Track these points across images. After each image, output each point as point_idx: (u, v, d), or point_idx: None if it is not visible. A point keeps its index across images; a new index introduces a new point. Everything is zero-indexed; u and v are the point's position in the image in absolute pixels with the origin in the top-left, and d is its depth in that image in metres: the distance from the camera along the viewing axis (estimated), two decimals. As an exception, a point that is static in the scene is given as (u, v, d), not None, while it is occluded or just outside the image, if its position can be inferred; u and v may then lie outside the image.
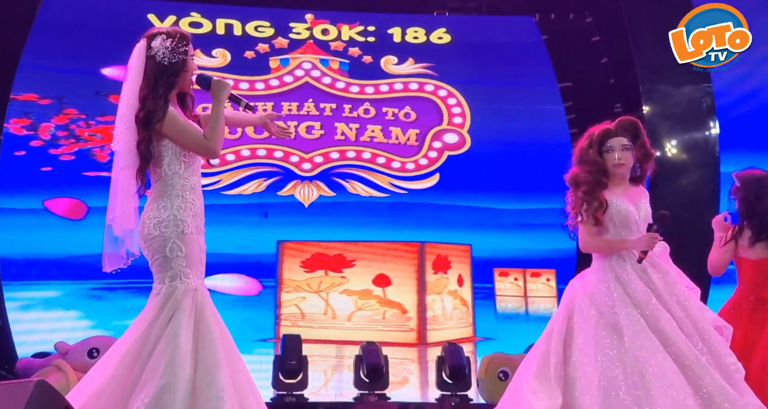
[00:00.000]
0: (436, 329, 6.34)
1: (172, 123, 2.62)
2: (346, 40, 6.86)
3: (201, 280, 2.64)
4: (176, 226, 2.59)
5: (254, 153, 6.61)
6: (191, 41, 2.73)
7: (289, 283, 6.28)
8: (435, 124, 6.78)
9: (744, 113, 5.55)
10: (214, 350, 2.50)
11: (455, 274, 6.51)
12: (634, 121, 3.17)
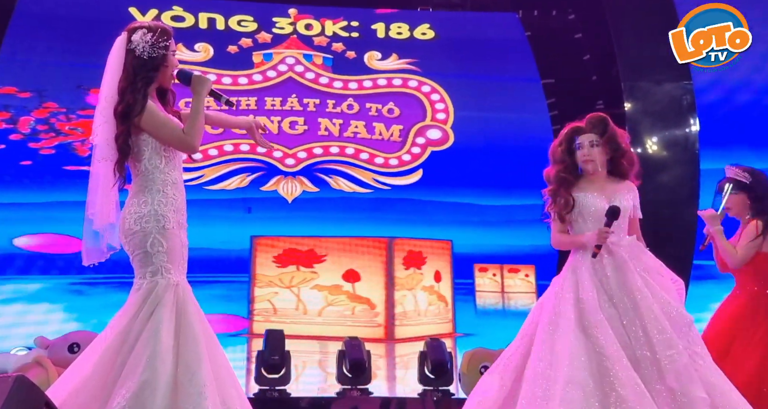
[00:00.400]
0: (406, 325, 6.34)
1: (151, 117, 2.61)
2: (330, 35, 6.85)
3: (183, 275, 2.64)
4: (157, 221, 2.58)
5: (237, 148, 6.58)
6: (173, 36, 2.72)
7: (261, 278, 6.26)
8: (418, 120, 6.79)
9: (723, 110, 5.61)
10: (196, 345, 2.49)
11: (431, 269, 6.51)
12: (603, 117, 3.20)
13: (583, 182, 3.21)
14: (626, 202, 3.14)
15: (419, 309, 6.44)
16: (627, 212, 3.14)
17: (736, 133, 5.38)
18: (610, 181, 3.20)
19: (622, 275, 3.00)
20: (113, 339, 2.53)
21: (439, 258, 6.56)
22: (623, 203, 3.12)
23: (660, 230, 5.37)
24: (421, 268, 6.49)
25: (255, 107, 6.65)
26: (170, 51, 2.70)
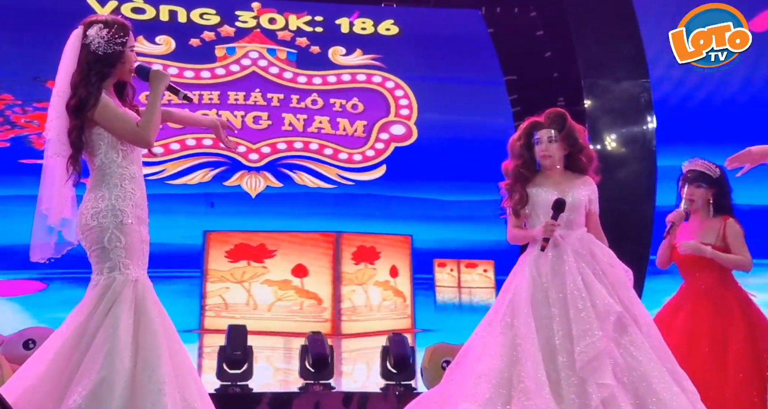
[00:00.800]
0: (356, 321, 6.34)
1: (104, 110, 2.59)
2: (294, 29, 6.82)
3: (143, 271, 2.62)
4: (115, 216, 2.56)
5: (200, 143, 6.52)
6: (131, 31, 2.69)
7: (213, 273, 6.22)
8: (382, 116, 6.80)
9: (679, 108, 5.73)
10: (156, 341, 2.48)
11: (387, 264, 6.51)
12: (561, 113, 3.23)
13: (540, 177, 3.23)
14: (579, 195, 3.15)
15: (371, 304, 6.44)
16: (580, 205, 3.14)
17: (689, 130, 5.50)
18: (566, 176, 3.22)
19: (559, 267, 3.01)
20: (70, 336, 2.50)
21: (396, 253, 6.57)
22: (575, 197, 3.14)
23: (618, 225, 5.48)
24: (373, 263, 6.50)
25: (218, 102, 6.60)
26: (128, 47, 2.67)
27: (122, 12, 6.19)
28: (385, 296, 6.49)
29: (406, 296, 6.55)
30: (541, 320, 2.94)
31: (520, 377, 2.82)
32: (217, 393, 4.75)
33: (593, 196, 3.21)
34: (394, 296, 6.51)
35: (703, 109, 5.65)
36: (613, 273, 3.04)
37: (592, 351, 2.82)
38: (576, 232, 3.11)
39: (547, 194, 3.16)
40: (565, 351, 2.86)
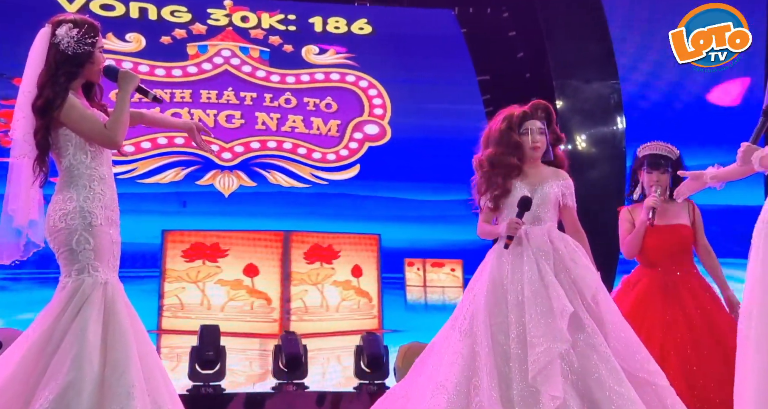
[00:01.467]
0: (308, 321, 6.27)
1: (70, 111, 2.56)
2: (267, 28, 6.78)
3: (113, 273, 2.59)
4: (83, 218, 2.53)
5: (172, 141, 6.47)
6: (100, 30, 2.67)
7: (171, 273, 6.17)
8: (356, 115, 6.80)
9: (647, 109, 5.81)
10: (125, 344, 2.45)
11: (347, 264, 6.47)
12: (548, 105, 3.17)
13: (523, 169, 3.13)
14: (550, 190, 3.08)
15: (328, 304, 6.37)
16: (550, 200, 3.07)
17: (658, 131, 5.57)
18: (544, 169, 3.15)
19: (519, 266, 2.94)
20: (37, 338, 2.47)
21: (361, 253, 6.53)
22: (545, 191, 3.06)
23: (588, 223, 5.54)
24: (331, 262, 6.44)
25: (190, 100, 6.55)
26: (97, 48, 2.64)
27: (91, 9, 6.12)
28: (345, 296, 6.43)
29: (372, 296, 6.50)
30: (499, 326, 2.87)
31: (477, 389, 2.78)
32: (190, 394, 4.73)
33: (567, 190, 3.13)
34: (356, 295, 6.46)
35: (671, 110, 5.75)
36: (577, 270, 2.94)
37: (545, 359, 2.74)
38: (542, 227, 3.02)
39: (518, 190, 3.07)
40: (518, 359, 2.80)
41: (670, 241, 3.71)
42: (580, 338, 2.83)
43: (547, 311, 2.82)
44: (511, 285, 2.93)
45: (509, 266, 2.97)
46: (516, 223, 2.96)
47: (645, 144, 3.81)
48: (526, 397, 2.73)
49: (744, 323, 2.77)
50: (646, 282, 3.73)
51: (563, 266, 2.94)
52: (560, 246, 2.98)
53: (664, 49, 5.68)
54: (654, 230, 3.69)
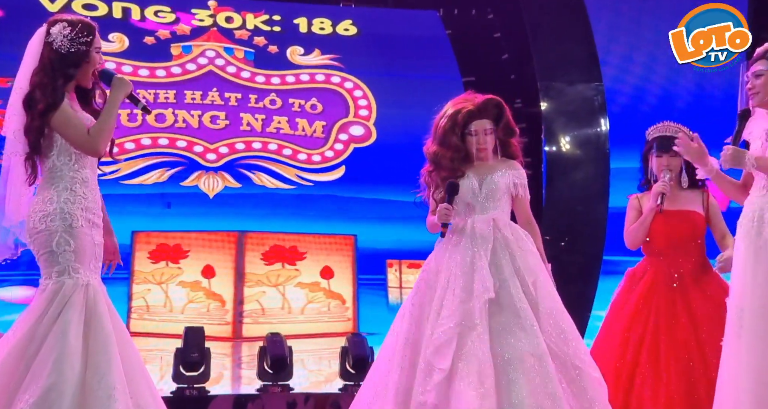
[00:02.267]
0: (263, 323, 6.19)
1: (60, 115, 2.53)
2: (251, 28, 6.77)
3: (95, 275, 2.57)
4: (63, 219, 2.51)
5: (156, 142, 6.44)
6: (97, 31, 2.65)
7: (138, 274, 6.13)
8: (341, 117, 6.80)
9: (630, 111, 5.85)
10: (107, 346, 2.44)
11: (316, 265, 6.42)
12: (498, 102, 3.05)
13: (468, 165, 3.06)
14: (499, 179, 3.01)
15: (290, 307, 6.33)
16: (498, 189, 2.99)
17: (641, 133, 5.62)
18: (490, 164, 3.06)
19: (454, 253, 2.91)
20: (18, 341, 2.46)
21: (333, 253, 6.47)
22: (492, 181, 2.99)
23: (572, 225, 5.58)
24: (295, 263, 6.39)
25: (174, 101, 6.52)
26: (93, 48, 2.62)
27: (73, 8, 6.09)
28: (312, 298, 6.36)
29: (346, 298, 6.44)
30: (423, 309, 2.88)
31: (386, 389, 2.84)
32: (174, 396, 4.70)
33: (519, 180, 3.04)
34: (326, 297, 6.40)
35: (655, 112, 5.78)
36: (523, 257, 2.88)
37: (444, 337, 2.74)
38: (488, 215, 2.96)
39: (466, 179, 3.01)
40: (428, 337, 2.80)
41: (678, 227, 3.44)
42: (512, 322, 2.78)
43: (467, 293, 2.81)
44: (443, 272, 2.91)
45: (447, 256, 2.94)
46: (445, 208, 2.91)
47: (654, 125, 3.56)
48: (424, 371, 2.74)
49: (734, 323, 2.71)
50: (651, 275, 3.47)
51: (508, 251, 2.88)
52: (507, 233, 2.93)
53: (653, 51, 5.76)
54: (661, 215, 3.41)
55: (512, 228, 2.97)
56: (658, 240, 3.47)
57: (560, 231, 5.46)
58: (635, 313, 3.34)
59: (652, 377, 3.26)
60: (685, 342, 3.29)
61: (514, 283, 2.83)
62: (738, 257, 2.79)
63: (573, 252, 5.40)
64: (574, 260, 5.40)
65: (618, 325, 3.40)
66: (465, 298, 2.80)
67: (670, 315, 3.34)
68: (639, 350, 3.30)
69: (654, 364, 3.26)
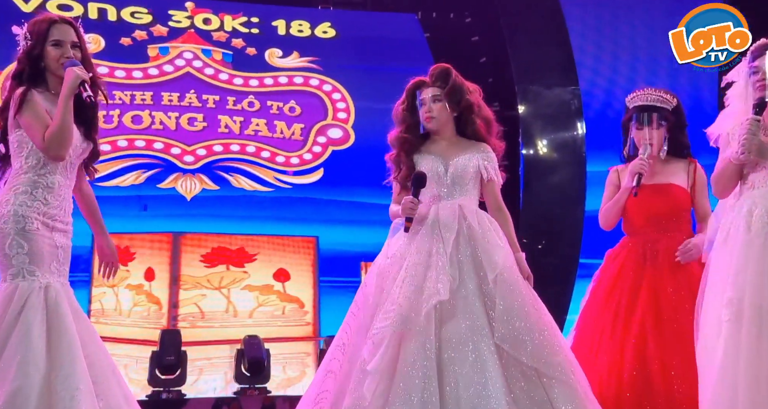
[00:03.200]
0: (201, 327, 6.09)
1: (24, 112, 2.50)
2: (229, 30, 6.74)
3: (58, 277, 2.52)
4: (16, 222, 2.46)
5: (132, 144, 6.39)
6: (55, 24, 2.60)
7: (98, 277, 6.03)
8: (320, 119, 6.79)
9: (606, 115, 5.90)
10: (70, 347, 2.40)
11: (268, 268, 6.31)
12: (445, 68, 2.87)
13: (429, 144, 2.88)
14: (466, 163, 2.82)
15: (236, 309, 6.18)
16: (465, 174, 2.81)
17: (617, 137, 5.68)
18: (458, 142, 2.87)
19: (410, 242, 2.71)
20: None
21: (291, 255, 6.36)
22: (459, 165, 2.81)
23: (550, 228, 5.61)
24: (243, 265, 6.26)
25: (151, 102, 6.47)
26: (48, 41, 2.56)
27: (47, 9, 6.02)
28: (263, 301, 6.22)
29: (305, 302, 6.35)
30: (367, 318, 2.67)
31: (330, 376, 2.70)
32: (149, 399, 4.66)
33: (488, 163, 2.84)
34: (280, 301, 6.27)
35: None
36: (487, 251, 2.67)
37: (380, 336, 2.54)
38: (453, 201, 2.78)
39: (428, 162, 2.81)
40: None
41: (655, 202, 3.12)
42: (462, 327, 2.57)
43: (416, 290, 2.59)
44: (399, 259, 2.71)
45: (404, 242, 2.74)
46: (411, 202, 2.70)
47: (634, 92, 3.21)
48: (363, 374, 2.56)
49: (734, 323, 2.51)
50: (624, 255, 3.15)
51: (472, 243, 2.69)
52: (473, 222, 2.73)
53: (630, 55, 5.81)
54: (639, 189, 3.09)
55: (479, 217, 2.76)
56: (634, 217, 3.17)
57: (537, 234, 5.49)
58: (607, 296, 3.09)
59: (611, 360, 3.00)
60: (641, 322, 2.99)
61: (473, 281, 2.64)
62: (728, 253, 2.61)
63: (550, 255, 5.44)
64: (550, 263, 5.43)
65: (592, 310, 3.15)
66: (412, 295, 2.59)
67: (632, 295, 3.05)
68: (602, 337, 3.05)
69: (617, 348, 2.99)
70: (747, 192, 2.64)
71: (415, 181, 2.74)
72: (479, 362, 2.52)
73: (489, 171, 2.84)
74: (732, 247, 2.60)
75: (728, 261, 2.60)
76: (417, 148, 2.86)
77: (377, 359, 2.51)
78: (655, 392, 2.89)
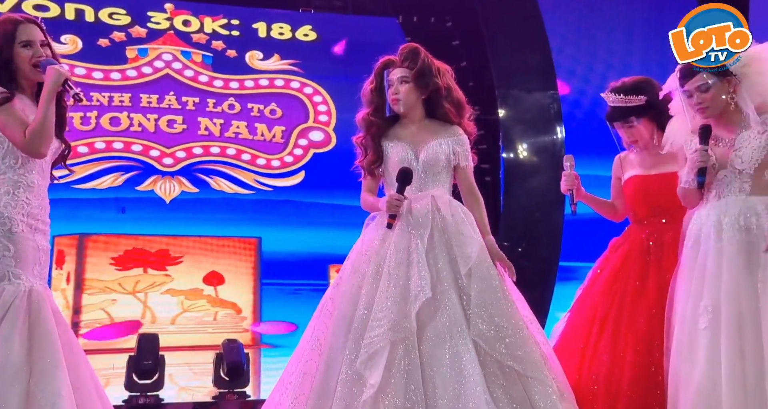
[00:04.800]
0: None
1: (1, 116, 2.46)
2: (209, 32, 6.71)
3: (40, 280, 2.50)
4: (2, 224, 2.43)
5: (110, 146, 6.33)
6: (21, 24, 2.56)
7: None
8: (301, 122, 6.78)
9: (585, 119, 5.95)
10: (53, 353, 2.38)
11: (197, 271, 6.12)
12: (414, 48, 2.82)
13: (398, 128, 2.77)
14: (440, 148, 2.71)
15: (155, 316, 5.93)
16: (437, 162, 2.72)
17: (596, 141, 5.73)
18: (429, 126, 2.76)
19: (387, 237, 2.62)
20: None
21: (228, 258, 6.21)
22: (431, 152, 2.71)
23: (530, 231, 5.64)
24: (164, 268, 6.06)
25: (129, 104, 6.42)
26: (17, 42, 2.52)
27: (23, 9, 5.96)
28: (190, 306, 6.03)
29: (242, 307, 6.18)
30: (347, 296, 2.59)
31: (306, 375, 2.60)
32: (125, 404, 4.61)
33: (460, 147, 2.73)
34: (211, 306, 6.07)
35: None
36: (460, 243, 2.60)
37: (377, 345, 2.45)
38: (426, 193, 2.68)
39: (398, 150, 2.70)
40: (355, 337, 2.50)
41: (659, 193, 3.04)
42: (444, 325, 2.50)
43: (402, 292, 2.51)
44: (375, 256, 2.60)
45: (379, 238, 2.64)
46: (396, 199, 2.60)
47: (605, 91, 3.13)
48: (350, 381, 2.46)
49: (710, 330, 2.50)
50: (628, 245, 3.09)
51: (446, 237, 2.61)
52: (446, 214, 2.64)
53: (609, 59, 5.85)
54: (640, 181, 3.06)
55: (452, 208, 2.67)
56: (639, 208, 3.11)
57: (517, 237, 5.51)
58: (610, 284, 3.01)
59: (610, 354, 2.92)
60: (648, 319, 2.90)
61: (449, 276, 2.56)
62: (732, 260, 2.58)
63: (530, 258, 5.46)
64: (530, 266, 5.45)
65: (588, 299, 3.08)
66: (399, 298, 2.50)
67: (637, 286, 2.98)
68: (602, 328, 2.96)
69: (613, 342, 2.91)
70: (713, 201, 2.68)
71: (401, 178, 2.63)
72: (457, 360, 2.46)
73: (459, 157, 2.74)
74: (703, 256, 2.62)
75: (699, 269, 2.61)
76: (384, 131, 2.74)
77: (378, 374, 2.42)
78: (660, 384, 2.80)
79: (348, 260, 2.72)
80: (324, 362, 2.57)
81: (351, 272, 2.65)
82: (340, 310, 2.60)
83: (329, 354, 2.56)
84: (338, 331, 2.58)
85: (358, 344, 2.49)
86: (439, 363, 2.47)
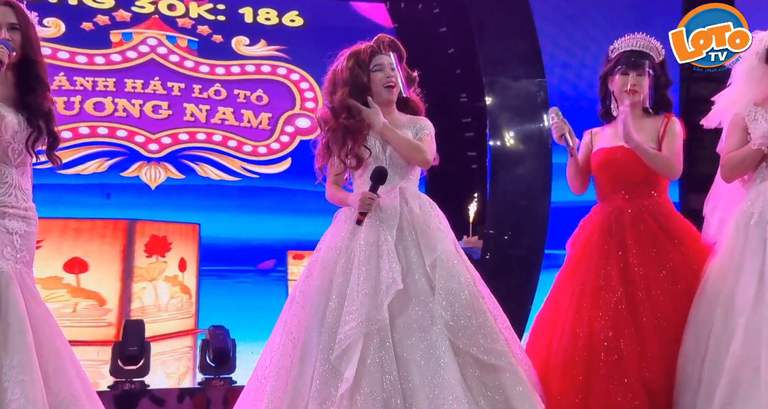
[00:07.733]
0: None
1: None
2: (195, 17, 6.65)
3: (13, 263, 2.46)
4: None
5: (94, 131, 6.28)
6: None
7: None
8: (287, 109, 6.75)
9: (572, 107, 5.96)
10: (19, 335, 2.34)
11: (177, 256, 6.10)
12: (394, 39, 2.86)
13: None
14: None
15: (160, 303, 5.97)
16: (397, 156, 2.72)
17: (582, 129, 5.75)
18: (399, 118, 2.78)
19: (357, 231, 2.62)
20: None
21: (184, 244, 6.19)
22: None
23: (515, 220, 5.65)
24: (164, 255, 6.08)
25: (114, 89, 6.36)
26: None
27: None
28: (173, 293, 6.04)
29: (192, 293, 6.15)
30: (320, 290, 2.59)
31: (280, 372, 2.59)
32: (110, 389, 4.61)
33: (421, 132, 2.74)
34: (181, 292, 6.08)
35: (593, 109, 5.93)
36: (426, 235, 2.61)
37: (351, 339, 2.46)
38: (394, 186, 2.68)
39: (371, 146, 2.69)
40: (329, 331, 2.50)
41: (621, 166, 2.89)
42: (414, 318, 2.52)
43: (374, 284, 2.51)
44: (345, 250, 2.61)
45: (348, 231, 2.64)
46: (369, 198, 2.59)
47: (622, 38, 2.97)
48: (326, 376, 2.48)
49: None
50: (591, 226, 2.94)
51: (413, 229, 2.62)
52: (414, 206, 2.66)
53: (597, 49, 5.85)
54: (603, 153, 2.92)
55: (420, 200, 2.69)
56: (602, 183, 2.97)
57: (503, 225, 5.53)
58: (571, 272, 2.91)
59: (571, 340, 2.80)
60: (614, 308, 2.75)
61: (420, 267, 2.57)
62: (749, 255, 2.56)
63: (515, 246, 5.47)
64: (516, 254, 5.47)
65: (558, 285, 2.99)
66: (371, 290, 2.50)
67: (597, 276, 2.82)
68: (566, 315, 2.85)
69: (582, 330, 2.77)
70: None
71: (376, 177, 2.63)
72: (432, 349, 2.48)
73: (426, 142, 2.73)
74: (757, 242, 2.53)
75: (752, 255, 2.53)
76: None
77: (353, 368, 2.42)
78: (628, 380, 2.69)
79: (318, 252, 2.72)
80: (299, 357, 2.57)
81: (321, 267, 2.65)
82: (312, 305, 2.61)
83: (303, 349, 2.57)
84: (311, 326, 2.58)
85: (332, 338, 2.50)
86: (414, 353, 2.48)
